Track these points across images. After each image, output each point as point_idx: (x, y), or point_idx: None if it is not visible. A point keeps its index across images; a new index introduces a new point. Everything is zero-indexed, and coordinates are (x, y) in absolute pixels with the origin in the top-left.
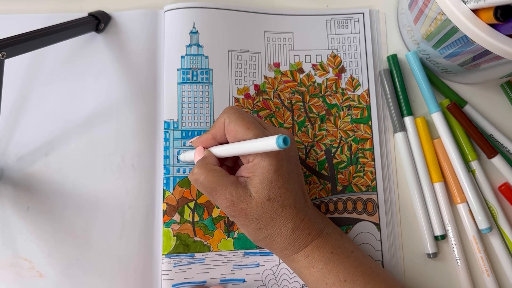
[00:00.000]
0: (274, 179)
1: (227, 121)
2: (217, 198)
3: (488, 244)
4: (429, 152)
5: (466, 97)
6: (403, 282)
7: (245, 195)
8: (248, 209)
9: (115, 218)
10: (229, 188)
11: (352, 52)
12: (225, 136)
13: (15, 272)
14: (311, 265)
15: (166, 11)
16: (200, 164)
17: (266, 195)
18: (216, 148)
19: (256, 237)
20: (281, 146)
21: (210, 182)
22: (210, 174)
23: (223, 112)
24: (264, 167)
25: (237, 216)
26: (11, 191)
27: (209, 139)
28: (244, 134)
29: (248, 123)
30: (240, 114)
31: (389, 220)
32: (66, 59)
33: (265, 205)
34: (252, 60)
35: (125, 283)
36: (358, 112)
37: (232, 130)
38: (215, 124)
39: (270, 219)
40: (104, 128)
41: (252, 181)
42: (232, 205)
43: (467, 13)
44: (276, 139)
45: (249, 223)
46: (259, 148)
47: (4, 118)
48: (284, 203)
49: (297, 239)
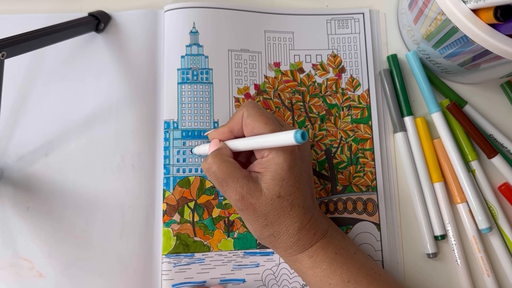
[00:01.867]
0: (286, 176)
1: (245, 114)
2: (227, 189)
3: (488, 244)
4: (429, 152)
5: (466, 97)
6: (403, 282)
7: (256, 190)
8: (257, 204)
9: (115, 218)
10: (241, 181)
11: (352, 52)
12: (242, 130)
13: (15, 272)
14: (315, 266)
15: (166, 11)
16: (215, 154)
17: (277, 191)
18: (233, 141)
19: (261, 234)
20: (298, 140)
21: (223, 173)
22: (224, 165)
23: (242, 106)
24: (278, 163)
25: (245, 210)
26: (11, 191)
27: (226, 132)
28: (261, 128)
29: (266, 119)
30: (259, 109)
31: (389, 220)
32: (66, 59)
33: (274, 202)
34: (252, 60)
35: (125, 283)
36: (358, 112)
37: (249, 124)
38: (233, 118)
39: (278, 216)
40: (104, 128)
41: (264, 176)
42: (242, 199)
43: (467, 13)
44: (294, 133)
45: (256, 219)
46: (276, 142)
47: (4, 118)
48: (294, 202)
49: (302, 238)
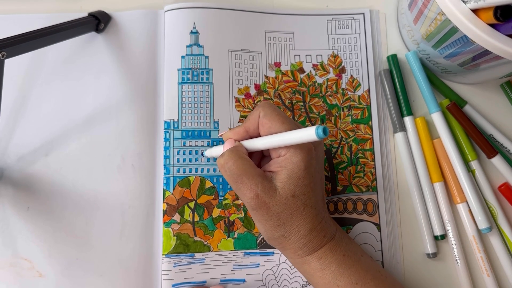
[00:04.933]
0: (302, 175)
1: (262, 114)
2: (242, 186)
3: (488, 244)
4: (429, 152)
5: (466, 97)
6: (403, 282)
7: (270, 189)
8: (271, 203)
9: (115, 218)
10: (256, 178)
11: (353, 52)
12: (258, 131)
13: (15, 272)
14: (323, 267)
15: (166, 11)
16: (232, 150)
17: (292, 190)
18: (251, 140)
19: (272, 234)
20: (320, 136)
21: (239, 169)
22: (240, 161)
23: (258, 106)
24: (296, 162)
25: (258, 209)
26: (11, 191)
27: (242, 132)
28: (278, 127)
29: (283, 118)
30: (275, 109)
31: (389, 220)
32: (66, 59)
33: (288, 201)
34: (253, 60)
35: (125, 283)
36: (359, 112)
37: (266, 123)
38: (249, 117)
39: (291, 216)
40: (104, 128)
41: (279, 175)
42: (256, 197)
43: (467, 13)
44: (315, 129)
45: (269, 218)
46: (297, 139)
47: (4, 118)
48: (307, 202)
49: (312, 240)
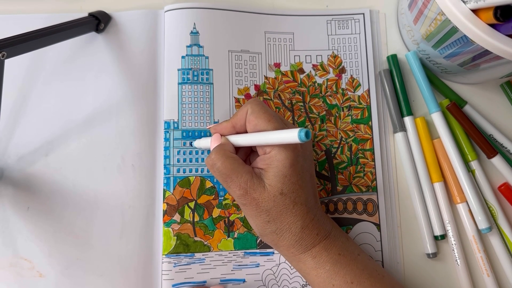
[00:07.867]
0: (288, 173)
1: (249, 111)
2: (231, 185)
3: (488, 244)
4: (429, 152)
5: (466, 97)
6: (403, 282)
7: (259, 185)
8: (260, 199)
9: (115, 218)
10: (244, 176)
11: (353, 52)
12: (245, 127)
13: (15, 272)
14: (318, 266)
15: (167, 11)
16: (218, 150)
17: (279, 188)
18: (236, 136)
19: (263, 230)
20: (302, 139)
21: (227, 169)
22: (227, 161)
23: (246, 103)
24: (280, 160)
25: (248, 205)
26: (11, 191)
27: (229, 127)
28: (264, 125)
29: (270, 116)
30: (263, 107)
31: (389, 220)
32: (66, 60)
33: (277, 199)
34: (253, 61)
35: (125, 283)
36: (359, 112)
37: (253, 120)
38: (236, 114)
39: (281, 213)
40: (104, 128)
41: (267, 173)
42: (245, 194)
43: (467, 13)
44: (298, 131)
45: (259, 214)
46: (280, 139)
47: (4, 118)
48: (296, 200)
49: (305, 238)
